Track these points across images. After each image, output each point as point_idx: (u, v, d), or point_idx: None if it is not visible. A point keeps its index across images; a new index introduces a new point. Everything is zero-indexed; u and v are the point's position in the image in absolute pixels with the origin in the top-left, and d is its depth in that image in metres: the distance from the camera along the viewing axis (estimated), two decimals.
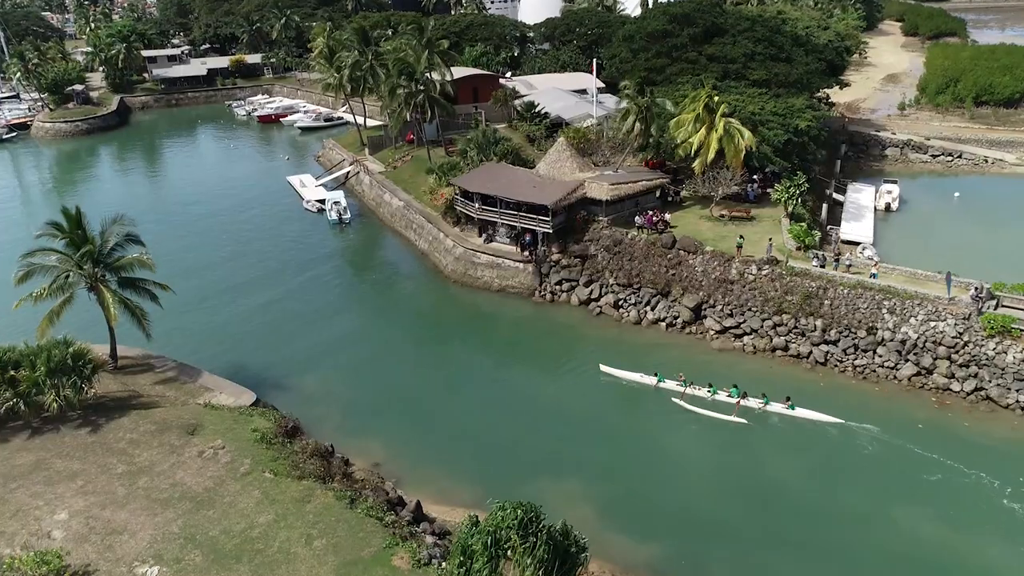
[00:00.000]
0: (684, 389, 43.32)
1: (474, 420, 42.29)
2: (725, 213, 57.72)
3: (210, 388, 40.93)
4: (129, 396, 38.82)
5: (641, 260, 53.09)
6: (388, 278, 60.90)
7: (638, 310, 51.91)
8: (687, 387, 43.38)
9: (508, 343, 50.87)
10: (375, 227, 72.59)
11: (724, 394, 42.69)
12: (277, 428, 35.75)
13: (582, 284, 54.59)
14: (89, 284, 40.68)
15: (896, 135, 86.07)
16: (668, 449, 39.38)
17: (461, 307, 55.89)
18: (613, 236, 54.83)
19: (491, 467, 38.48)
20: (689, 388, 43.33)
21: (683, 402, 42.63)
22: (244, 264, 62.99)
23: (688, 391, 43.14)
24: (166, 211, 77.24)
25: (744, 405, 41.78)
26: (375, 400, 44.17)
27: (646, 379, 44.43)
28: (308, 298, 56.56)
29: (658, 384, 44.08)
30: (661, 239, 53.14)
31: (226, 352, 48.42)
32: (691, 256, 51.79)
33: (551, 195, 55.04)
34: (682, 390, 43.28)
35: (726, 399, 42.39)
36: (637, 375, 44.80)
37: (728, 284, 49.65)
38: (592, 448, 39.48)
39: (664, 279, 51.69)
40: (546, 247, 56.36)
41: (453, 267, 59.25)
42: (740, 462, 38.07)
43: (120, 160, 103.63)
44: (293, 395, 44.08)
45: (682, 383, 43.62)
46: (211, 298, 56.53)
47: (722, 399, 42.38)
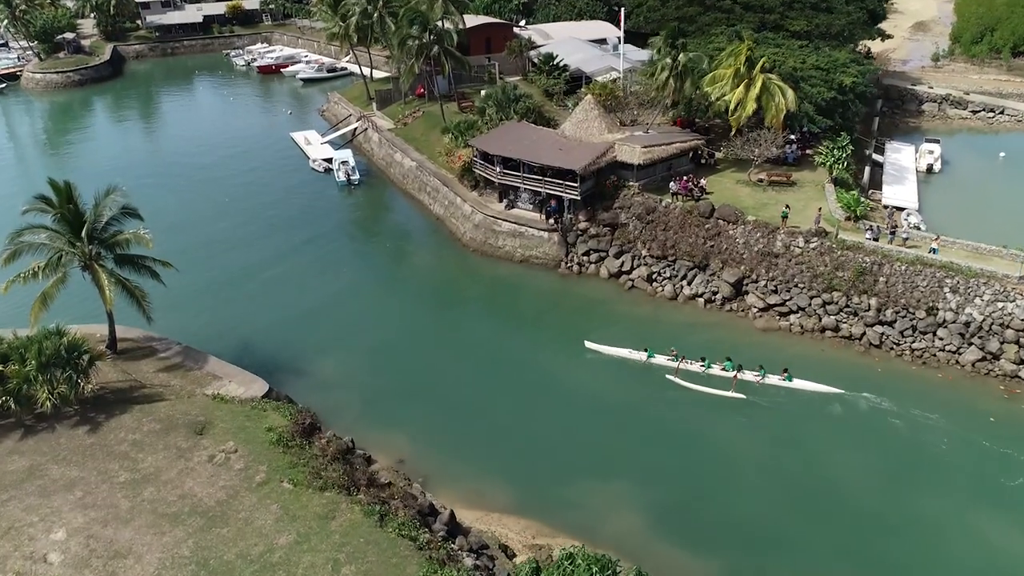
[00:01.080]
0: (677, 364, 40.92)
1: (501, 408, 39.20)
2: (764, 177, 53.76)
3: (218, 376, 37.67)
4: (130, 387, 35.60)
5: (676, 230, 49.36)
6: (402, 247, 57.22)
7: (674, 284, 48.42)
8: (679, 362, 40.98)
9: (533, 321, 47.39)
10: (385, 189, 68.61)
11: (718, 368, 40.39)
12: (293, 425, 32.57)
13: (612, 255, 50.98)
14: (83, 263, 37.17)
15: (933, 89, 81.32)
16: (714, 444, 36.27)
17: (481, 279, 52.35)
18: (645, 203, 51.00)
19: (522, 461, 35.53)
20: (682, 363, 40.91)
21: (677, 379, 40.23)
22: (248, 231, 59.19)
23: (681, 366, 40.78)
24: (164, 172, 73.01)
25: (741, 379, 39.71)
26: (394, 385, 41.02)
27: (635, 355, 41.91)
28: (318, 269, 53.01)
29: (648, 360, 41.63)
30: (698, 207, 49.34)
31: (232, 331, 45.09)
32: (731, 226, 48.06)
33: (579, 159, 51.04)
34: (675, 366, 40.91)
35: (720, 373, 40.24)
36: (625, 350, 42.26)
37: (772, 258, 46.04)
38: (629, 441, 36.44)
39: (702, 251, 48.06)
40: (572, 215, 52.59)
41: (472, 235, 55.55)
42: (792, 460, 35.01)
43: (115, 114, 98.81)
44: (306, 381, 40.90)
45: (674, 358, 41.26)
46: (215, 269, 52.94)
47: (716, 373, 40.37)
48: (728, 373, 40.30)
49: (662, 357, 41.65)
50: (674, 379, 40.36)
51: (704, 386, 39.71)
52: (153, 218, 60.64)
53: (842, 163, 52.60)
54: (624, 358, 42.07)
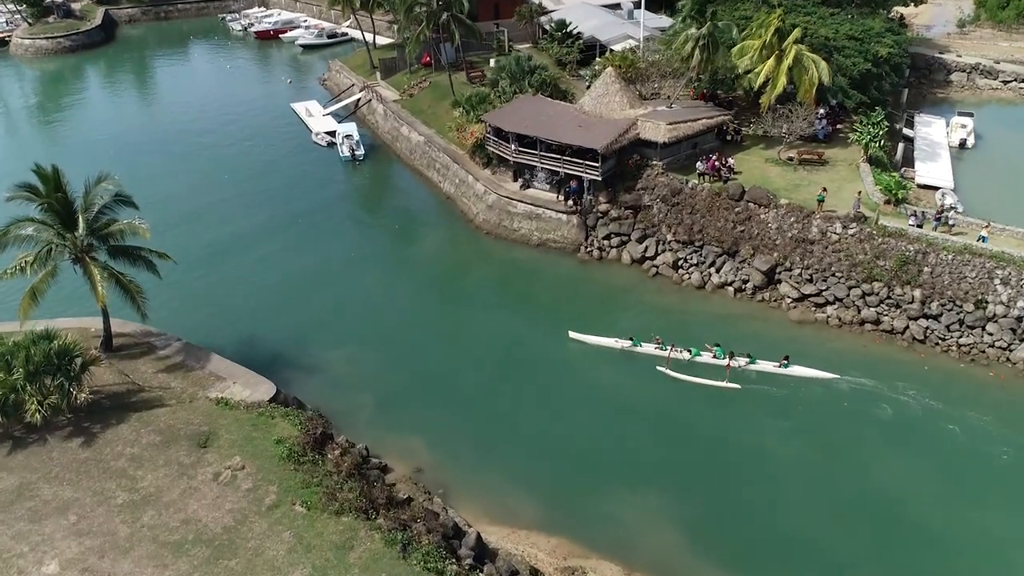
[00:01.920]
0: (667, 353, 38.92)
1: (518, 406, 36.81)
2: (794, 156, 50.71)
3: (221, 376, 35.20)
4: (127, 391, 33.13)
5: (704, 213, 46.55)
6: (411, 228, 54.33)
7: (701, 272, 45.75)
8: (668, 350, 39.01)
9: (552, 311, 44.49)
10: (391, 164, 65.53)
11: (708, 355, 38.66)
12: (304, 436, 30.16)
13: (634, 240, 48.22)
14: (74, 256, 34.48)
15: (962, 58, 77.71)
16: (746, 446, 33.90)
17: (496, 265, 49.57)
18: (671, 185, 48.10)
19: (545, 466, 33.23)
20: (670, 351, 38.91)
21: (668, 370, 38.24)
22: (249, 211, 56.33)
23: (670, 355, 38.82)
24: (159, 148, 69.76)
25: (733, 367, 38.09)
26: (406, 381, 38.55)
27: (620, 343, 39.94)
28: (322, 252, 50.26)
29: (634, 349, 39.71)
30: (727, 189, 46.48)
31: (234, 321, 42.62)
32: (763, 210, 45.26)
33: (601, 137, 48.02)
34: (664, 354, 38.94)
35: (711, 361, 38.60)
36: (611, 340, 40.27)
37: (807, 244, 43.32)
38: (657, 445, 34.15)
39: (731, 236, 45.31)
40: (592, 196, 49.71)
41: (485, 216, 52.71)
42: (835, 466, 32.67)
43: (108, 82, 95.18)
44: (314, 377, 38.52)
45: (660, 346, 39.30)
46: (213, 253, 50.28)
47: (706, 361, 38.72)
48: (720, 360, 38.40)
49: (649, 345, 39.72)
50: (665, 371, 38.38)
51: (697, 376, 37.82)
52: (148, 199, 58.33)
53: (878, 141, 49.64)
54: (609, 347, 40.16)
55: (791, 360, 37.82)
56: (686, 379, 37.85)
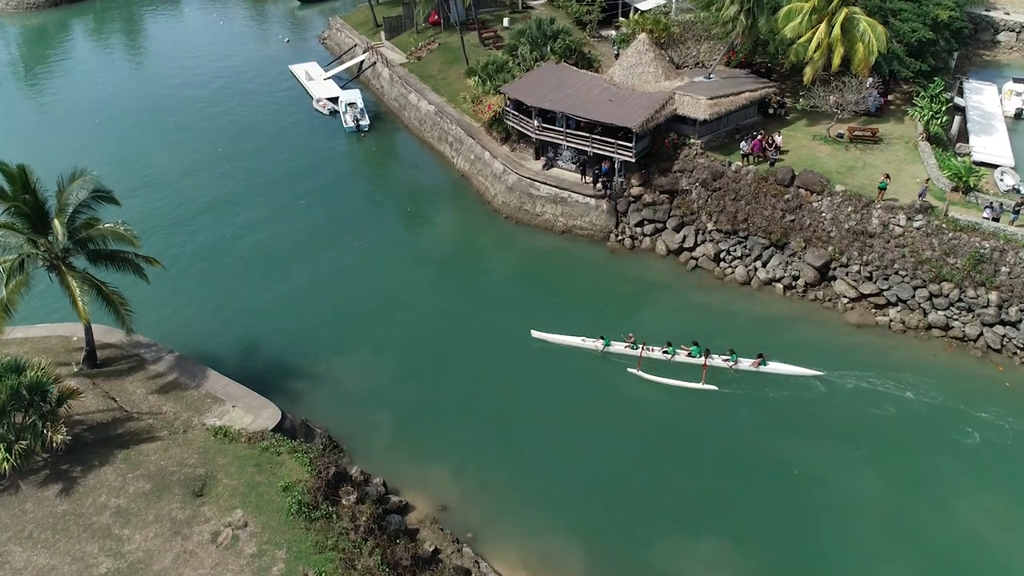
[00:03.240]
0: (639, 353, 35.76)
1: (552, 424, 33.12)
2: (845, 132, 45.98)
3: (218, 398, 31.30)
4: (114, 419, 29.26)
5: (749, 200, 42.13)
6: (423, 211, 49.86)
7: (746, 266, 41.54)
8: (640, 350, 35.88)
9: (581, 309, 40.11)
10: (399, 135, 60.70)
11: (684, 353, 35.90)
12: (315, 480, 26.38)
13: (671, 228, 43.87)
14: (49, 263, 30.32)
15: (1010, 15, 72.02)
16: (810, 476, 30.21)
17: (518, 255, 45.22)
18: (711, 167, 43.55)
19: (584, 501, 29.64)
20: (644, 351, 35.62)
21: (640, 372, 35.12)
22: (245, 189, 51.89)
23: (643, 354, 35.74)
24: (148, 114, 64.79)
25: (711, 365, 35.45)
26: (425, 396, 34.74)
27: (589, 343, 36.76)
28: (327, 240, 45.95)
29: (605, 349, 36.54)
30: (775, 173, 41.97)
31: (230, 325, 38.77)
32: (815, 197, 40.84)
33: (635, 113, 43.30)
34: (637, 354, 35.77)
35: (687, 359, 35.83)
36: (577, 339, 37.07)
37: (866, 237, 39.04)
38: (712, 475, 30.45)
39: (780, 226, 40.98)
40: (624, 178, 45.22)
41: (505, 199, 48.26)
42: (914, 505, 29.04)
43: (96, 40, 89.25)
44: (322, 393, 34.79)
45: (632, 345, 36.22)
46: (205, 240, 46.18)
47: (682, 360, 35.89)
48: (695, 359, 35.46)
49: (619, 344, 36.47)
50: (637, 372, 35.17)
51: (671, 378, 34.93)
52: (135, 180, 54.48)
53: (940, 117, 44.95)
54: (576, 347, 36.92)
55: (769, 356, 35.26)
56: (659, 381, 34.79)
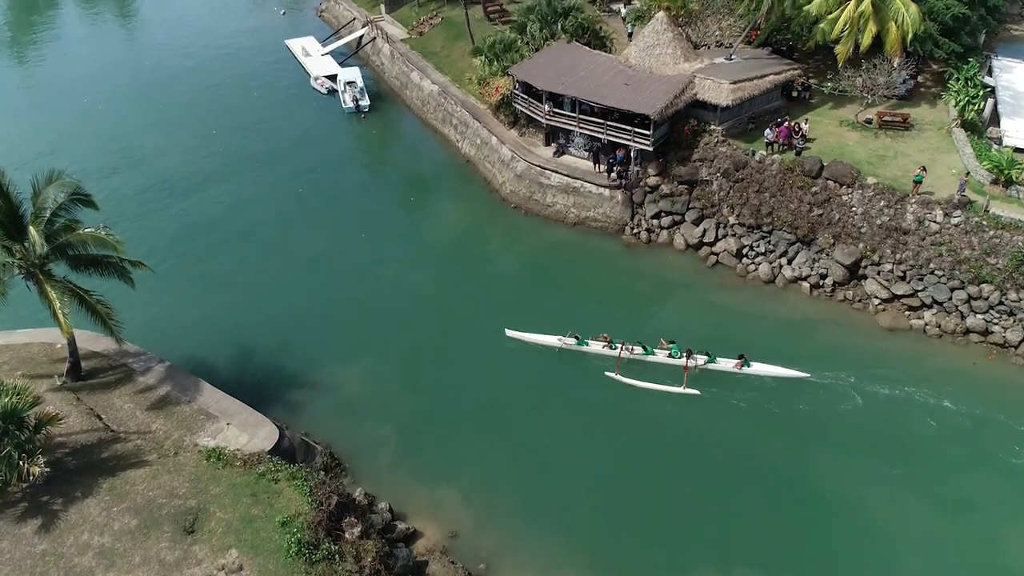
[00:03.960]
0: (619, 353, 33.74)
1: (568, 437, 31.07)
2: (874, 118, 43.36)
3: (212, 414, 29.22)
4: (99, 441, 27.20)
5: (774, 192, 39.69)
6: (428, 200, 47.39)
7: (770, 263, 39.25)
8: (619, 350, 33.80)
9: (594, 310, 37.85)
10: (401, 117, 58.02)
11: (663, 354, 33.90)
12: (316, 513, 24.39)
13: (690, 221, 41.49)
14: (25, 271, 28.08)
15: None
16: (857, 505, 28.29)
17: (529, 249, 42.79)
18: (734, 157, 41.03)
19: (610, 527, 27.69)
20: (621, 351, 33.70)
21: (618, 375, 33.15)
22: (238, 175, 49.58)
23: (621, 355, 33.80)
24: (137, 91, 62.21)
25: (691, 367, 33.53)
26: (432, 406, 32.61)
27: (566, 342, 34.73)
28: (326, 232, 43.56)
29: (580, 349, 34.66)
30: (802, 163, 39.48)
31: (222, 329, 36.41)
32: (845, 190, 38.41)
33: (653, 99, 40.68)
34: (615, 354, 33.93)
35: (666, 360, 33.90)
36: (553, 338, 35.03)
37: (900, 234, 36.69)
38: (735, 499, 28.51)
39: (807, 221, 38.63)
40: (640, 168, 42.72)
41: (513, 188, 45.79)
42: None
43: (83, 7, 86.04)
44: (323, 404, 32.75)
45: (609, 345, 34.24)
46: (196, 231, 43.90)
47: (661, 361, 34.00)
48: (677, 360, 33.59)
49: (596, 344, 34.55)
50: (615, 376, 33.21)
51: (650, 382, 33.00)
52: (125, 154, 52.08)
53: (977, 103, 42.31)
54: (551, 346, 34.99)
55: (751, 358, 33.45)
56: (638, 385, 32.88)
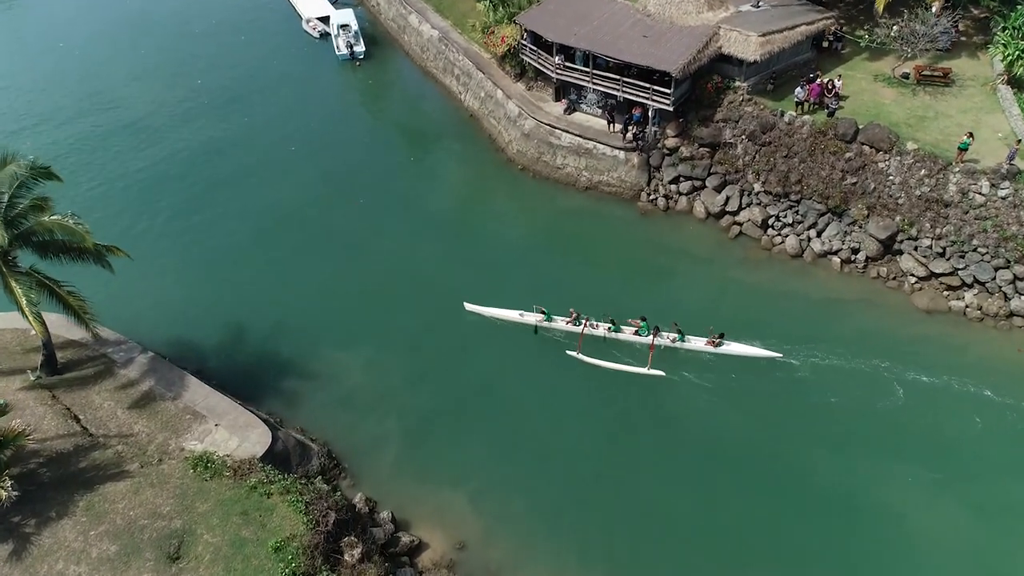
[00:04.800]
0: (581, 330, 31.72)
1: (586, 435, 29.02)
2: (911, 72, 39.92)
3: (199, 413, 27.06)
4: (75, 448, 25.07)
5: (804, 158, 36.69)
6: (428, 160, 44.25)
7: (798, 235, 36.54)
8: (582, 326, 31.76)
9: (604, 282, 35.33)
10: (399, 64, 54.38)
11: (630, 331, 31.89)
12: (312, 532, 22.43)
13: (711, 187, 38.62)
14: None
15: None
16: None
17: (536, 216, 39.93)
18: (760, 118, 37.84)
19: (636, 539, 25.86)
20: (585, 327, 31.71)
21: (580, 355, 31.18)
22: (226, 131, 46.26)
23: (585, 331, 31.80)
24: (116, 34, 58.18)
25: (658, 345, 31.61)
26: (438, 399, 30.41)
27: (527, 317, 32.61)
28: (320, 199, 40.70)
29: (546, 323, 32.54)
30: (835, 126, 36.34)
31: (208, 307, 34.17)
32: (882, 156, 35.40)
33: (674, 54, 37.28)
34: (579, 330, 31.86)
35: (633, 339, 31.90)
36: (514, 313, 32.92)
37: (941, 207, 33.87)
38: (760, 503, 26.58)
39: (839, 190, 35.75)
40: (658, 128, 39.58)
41: (520, 147, 42.68)
42: None
43: None
44: (319, 398, 30.62)
45: (575, 321, 32.17)
46: (178, 199, 41.05)
47: (627, 339, 32.01)
48: (643, 338, 31.59)
49: (561, 320, 32.50)
50: (577, 356, 31.25)
51: (613, 361, 31.16)
52: (103, 108, 48.66)
53: None
54: (514, 322, 32.98)
55: (726, 337, 31.38)
56: (601, 364, 30.97)
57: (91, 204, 38.73)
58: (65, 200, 29.57)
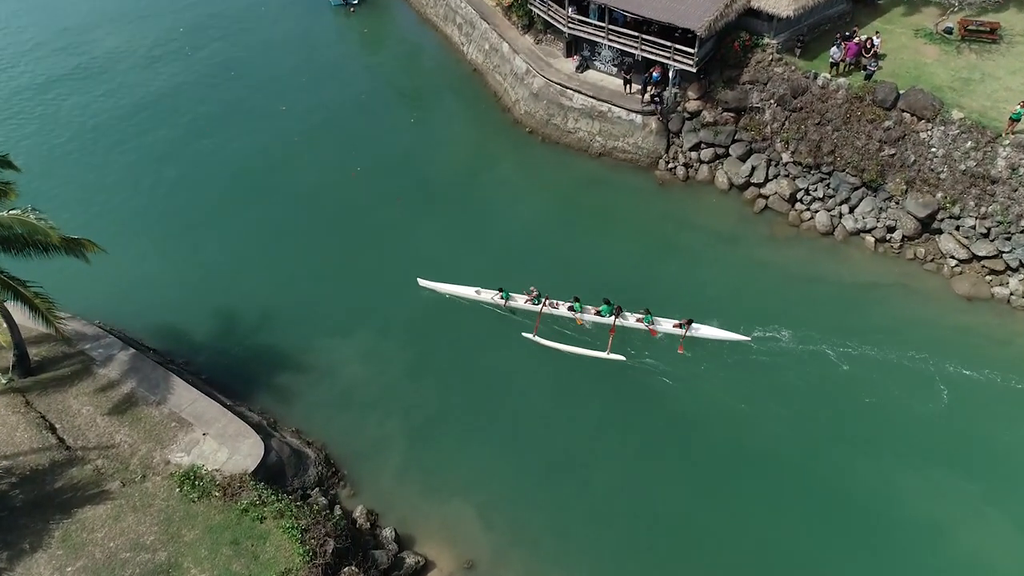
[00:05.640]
0: (540, 308, 29.68)
1: (605, 441, 27.04)
2: (955, 27, 36.63)
3: (185, 420, 25.01)
4: (51, 465, 23.09)
5: (838, 125, 33.74)
6: (430, 120, 41.06)
7: (828, 210, 33.88)
8: (541, 306, 29.68)
9: (617, 261, 32.89)
10: (396, 11, 50.89)
11: (592, 312, 29.79)
12: (310, 566, 20.61)
13: (735, 156, 35.77)
14: None
15: None
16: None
17: (545, 185, 37.13)
18: (792, 80, 34.70)
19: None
20: (545, 306, 29.81)
21: (536, 337, 29.14)
22: (208, 89, 43.17)
23: (544, 310, 29.86)
24: None
25: (620, 326, 29.53)
26: (445, 397, 28.10)
27: (484, 295, 30.70)
28: (315, 166, 37.91)
29: (506, 303, 30.48)
30: (873, 90, 33.27)
31: (191, 292, 31.75)
32: (924, 125, 32.47)
33: (699, 8, 33.89)
34: (537, 310, 29.92)
35: (596, 319, 29.82)
36: (470, 290, 31.06)
37: (987, 183, 31.14)
38: (800, 518, 24.79)
39: (876, 162, 32.94)
40: (679, 89, 36.47)
41: (528, 108, 39.60)
42: None
43: None
44: (315, 394, 28.40)
45: (535, 299, 30.13)
46: (160, 167, 38.17)
47: (590, 319, 29.97)
48: (605, 319, 29.49)
49: (520, 297, 30.39)
50: (533, 338, 29.16)
51: (572, 344, 29.15)
52: (75, 60, 45.29)
53: None
54: (471, 300, 31.00)
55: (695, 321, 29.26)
56: (560, 348, 28.98)
57: (60, 173, 35.96)
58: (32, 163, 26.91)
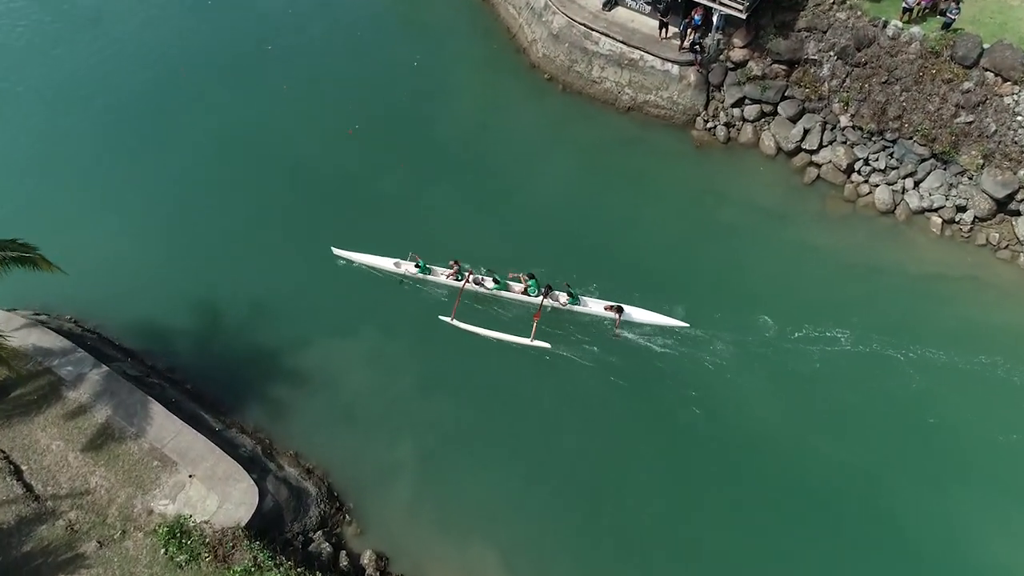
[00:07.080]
0: (462, 285, 26.83)
1: (653, 465, 24.41)
2: None
3: (168, 458, 22.15)
4: (17, 522, 20.40)
5: (908, 85, 29.20)
6: (436, 64, 35.63)
7: (890, 184, 29.83)
8: (463, 281, 26.85)
9: (649, 243, 29.08)
10: None
11: (518, 289, 27.04)
12: None
13: (785, 116, 31.35)
14: None
15: None
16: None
17: (564, 146, 32.53)
18: (856, 30, 29.83)
19: None
20: (467, 282, 26.98)
21: (455, 320, 26.27)
22: (192, 34, 37.94)
23: (466, 286, 26.96)
24: None
25: (547, 307, 26.62)
26: (460, 414, 25.23)
27: (404, 267, 27.79)
28: (306, 126, 33.35)
29: (422, 276, 27.54)
30: (953, 45, 28.57)
31: (165, 289, 27.99)
32: (1009, 88, 28.01)
33: None
34: (458, 286, 27.06)
35: (522, 298, 27.08)
36: (388, 261, 28.00)
37: None
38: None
39: (949, 130, 28.65)
40: (723, 35, 31.62)
41: (547, 51, 34.74)
42: None
43: None
44: (314, 413, 25.38)
45: (457, 275, 27.28)
46: (135, 141, 33.71)
47: (515, 298, 27.25)
48: (533, 298, 26.77)
49: (442, 271, 27.63)
50: (451, 321, 26.28)
51: (494, 330, 26.35)
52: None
53: None
54: (384, 271, 28.11)
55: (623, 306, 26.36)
56: (478, 332, 26.20)
57: None
58: None
